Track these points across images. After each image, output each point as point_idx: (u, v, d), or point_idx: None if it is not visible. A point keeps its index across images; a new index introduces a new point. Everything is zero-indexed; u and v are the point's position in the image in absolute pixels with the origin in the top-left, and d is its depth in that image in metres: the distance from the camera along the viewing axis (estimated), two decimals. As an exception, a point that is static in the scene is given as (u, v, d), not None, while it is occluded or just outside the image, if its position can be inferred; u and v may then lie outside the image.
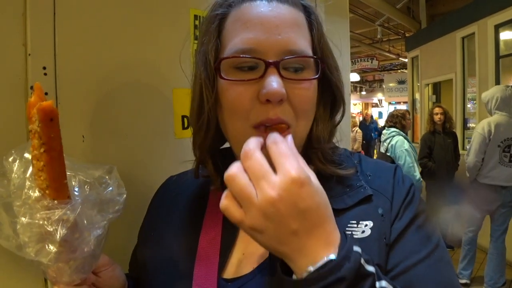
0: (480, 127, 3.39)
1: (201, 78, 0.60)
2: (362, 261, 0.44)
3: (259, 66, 0.56)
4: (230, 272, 0.61)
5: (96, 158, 0.90)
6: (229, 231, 0.64)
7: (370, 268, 0.45)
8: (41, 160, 0.51)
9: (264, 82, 0.54)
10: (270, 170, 0.44)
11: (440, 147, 4.27)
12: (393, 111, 4.39)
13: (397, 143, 3.80)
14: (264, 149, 0.48)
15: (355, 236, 0.57)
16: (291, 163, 0.44)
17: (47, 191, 0.52)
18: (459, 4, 6.02)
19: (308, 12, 0.62)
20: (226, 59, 0.57)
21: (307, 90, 0.58)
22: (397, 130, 3.97)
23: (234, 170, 0.45)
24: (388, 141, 3.93)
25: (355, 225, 0.58)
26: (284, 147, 0.46)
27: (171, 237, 0.68)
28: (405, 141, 3.84)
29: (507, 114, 3.33)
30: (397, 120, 4.08)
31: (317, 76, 0.59)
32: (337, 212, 0.58)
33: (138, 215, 0.78)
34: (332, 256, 0.43)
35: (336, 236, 0.46)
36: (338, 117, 0.67)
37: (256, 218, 0.44)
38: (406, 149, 3.72)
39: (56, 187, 0.52)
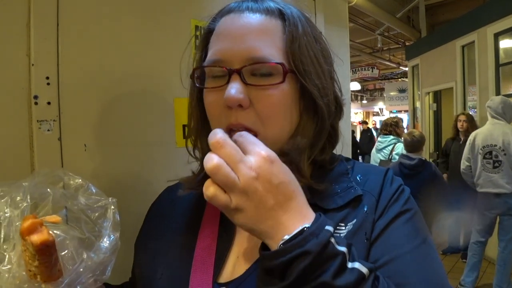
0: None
1: (190, 85, 0.68)
2: (332, 240, 0.46)
3: (226, 75, 0.59)
4: (225, 276, 0.61)
5: (98, 166, 0.90)
6: (225, 237, 0.65)
7: (341, 248, 0.47)
8: (34, 261, 0.51)
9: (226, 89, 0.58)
10: (243, 154, 0.48)
11: (454, 155, 4.25)
12: (386, 119, 4.41)
13: (402, 150, 3.86)
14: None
15: (341, 235, 0.58)
16: (259, 146, 0.49)
17: (38, 276, 0.51)
18: (459, 13, 6.06)
19: (283, 19, 0.62)
20: (197, 69, 0.65)
21: (270, 96, 0.58)
22: (396, 137, 3.99)
23: (216, 161, 0.47)
24: (389, 148, 3.95)
25: (343, 227, 0.59)
26: (250, 137, 0.51)
27: (168, 245, 0.69)
28: None
29: (491, 122, 3.48)
30: (391, 129, 4.11)
31: (280, 81, 0.58)
32: (327, 211, 0.60)
33: (139, 224, 0.78)
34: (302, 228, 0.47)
35: (310, 212, 0.50)
36: (326, 124, 0.64)
37: (239, 199, 0.47)
38: None
39: (48, 274, 0.52)
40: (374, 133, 10.92)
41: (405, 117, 11.90)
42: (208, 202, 0.69)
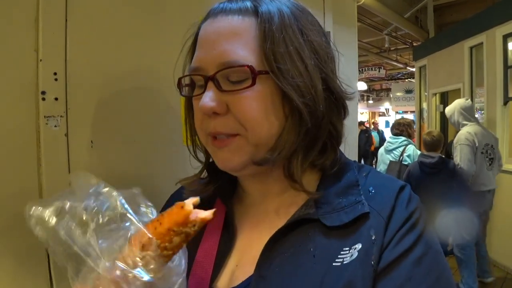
0: (464, 139, 3.46)
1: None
2: None
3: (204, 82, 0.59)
4: (222, 282, 0.61)
5: (104, 163, 0.90)
6: (226, 241, 0.64)
7: None
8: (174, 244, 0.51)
9: None
10: None
11: None
12: (399, 119, 4.35)
13: (414, 151, 3.85)
14: None
15: (344, 262, 0.53)
16: None
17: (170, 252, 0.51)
18: (467, 13, 6.01)
19: (257, 17, 0.57)
20: (181, 78, 0.64)
21: (245, 100, 0.56)
22: (407, 139, 3.97)
23: None
24: (400, 149, 3.93)
25: (347, 251, 0.54)
26: None
27: None
28: (417, 150, 3.91)
29: (475, 123, 3.52)
30: (403, 129, 4.07)
31: (249, 85, 0.55)
32: (330, 230, 0.56)
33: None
34: None
35: None
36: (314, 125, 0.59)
37: None
38: None
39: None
40: (374, 135, 10.87)
41: (411, 118, 11.86)
42: (215, 205, 0.69)
